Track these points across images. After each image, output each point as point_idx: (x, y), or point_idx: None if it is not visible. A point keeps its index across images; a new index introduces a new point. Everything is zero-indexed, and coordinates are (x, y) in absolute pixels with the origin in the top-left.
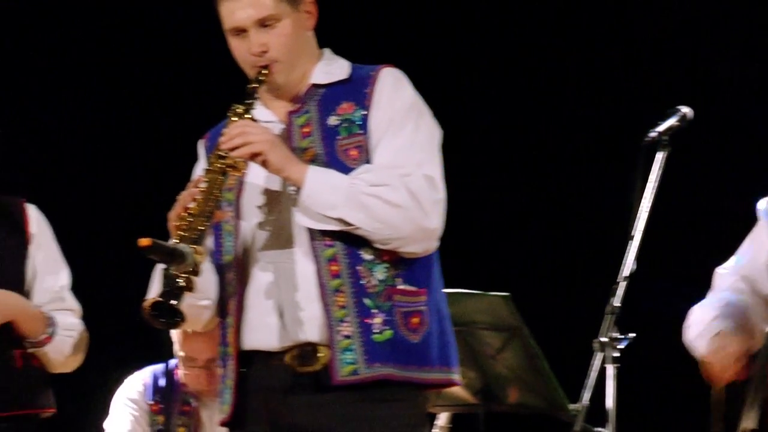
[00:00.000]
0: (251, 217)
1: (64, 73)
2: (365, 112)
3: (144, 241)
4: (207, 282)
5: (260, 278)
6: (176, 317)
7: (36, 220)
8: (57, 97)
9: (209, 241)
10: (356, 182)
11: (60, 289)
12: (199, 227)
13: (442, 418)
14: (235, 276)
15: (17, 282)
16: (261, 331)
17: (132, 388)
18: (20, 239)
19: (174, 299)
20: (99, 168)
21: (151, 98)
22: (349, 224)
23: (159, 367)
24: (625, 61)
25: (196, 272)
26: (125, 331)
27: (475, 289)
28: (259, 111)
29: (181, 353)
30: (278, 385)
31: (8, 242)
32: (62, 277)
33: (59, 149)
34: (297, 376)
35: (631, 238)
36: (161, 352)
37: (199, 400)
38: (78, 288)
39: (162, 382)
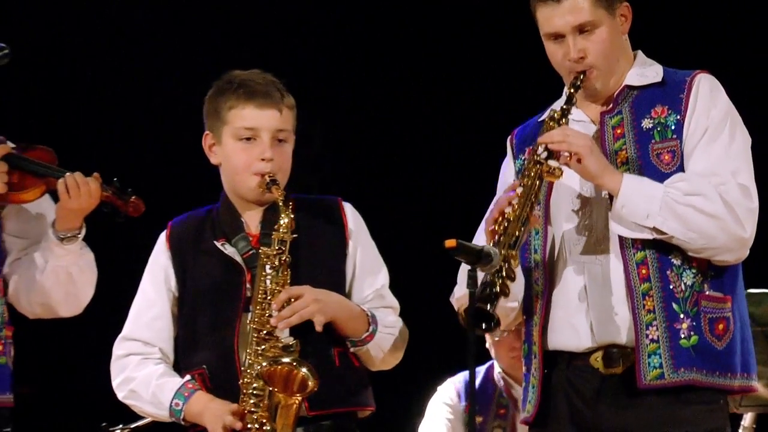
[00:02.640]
0: (560, 218)
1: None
2: (679, 117)
3: (450, 243)
4: (517, 285)
5: (567, 279)
6: (491, 322)
7: (352, 217)
8: (366, 98)
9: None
10: (671, 191)
11: (380, 287)
12: (516, 233)
13: (747, 419)
14: (541, 275)
15: (339, 278)
16: (566, 331)
17: (446, 393)
18: (340, 236)
19: (490, 304)
20: (407, 168)
21: (459, 98)
22: (663, 233)
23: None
24: None
25: (512, 277)
26: (440, 330)
27: None
28: (573, 112)
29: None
30: (583, 386)
31: (330, 239)
32: (382, 274)
33: (371, 149)
34: (602, 378)
35: None
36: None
37: (514, 399)
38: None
39: (477, 384)
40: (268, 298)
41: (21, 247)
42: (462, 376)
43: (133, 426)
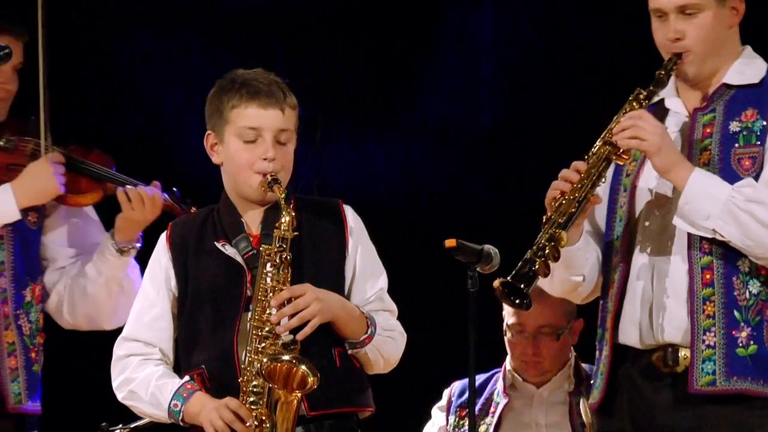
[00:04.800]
0: (641, 207)
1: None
2: (765, 123)
3: (450, 242)
4: (580, 259)
5: (638, 273)
6: (525, 300)
7: (353, 219)
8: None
9: (600, 222)
10: (735, 195)
11: (380, 290)
12: (570, 210)
13: None
14: (619, 263)
15: (339, 279)
16: (631, 327)
17: (441, 400)
18: (341, 237)
19: (524, 283)
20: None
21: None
22: (721, 235)
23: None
24: None
25: (555, 257)
26: (440, 333)
27: None
28: (671, 100)
29: (511, 320)
30: (643, 384)
31: (330, 240)
32: (382, 278)
33: (370, 150)
34: (661, 377)
35: None
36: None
37: (512, 396)
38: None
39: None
40: (269, 295)
41: (68, 255)
42: (458, 385)
43: (132, 426)
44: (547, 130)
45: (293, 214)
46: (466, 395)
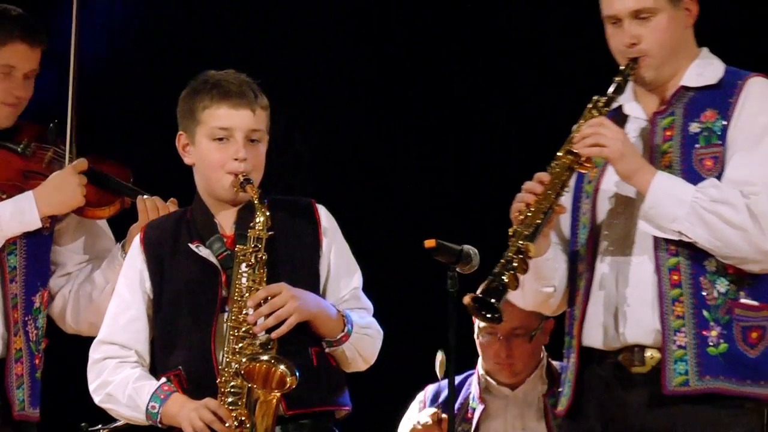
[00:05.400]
0: (603, 213)
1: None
2: (726, 123)
3: (430, 243)
4: (550, 269)
5: (603, 277)
6: (495, 314)
7: (326, 218)
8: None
9: (565, 230)
10: (699, 196)
11: (355, 288)
12: (536, 221)
13: None
14: (585, 269)
15: (314, 278)
16: (597, 329)
17: (415, 401)
18: (314, 236)
19: (494, 297)
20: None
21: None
22: (688, 237)
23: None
24: None
25: (524, 269)
26: (418, 332)
27: None
28: (630, 105)
29: (483, 323)
30: (612, 383)
31: (304, 239)
32: (356, 276)
33: (351, 150)
34: (630, 377)
35: None
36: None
37: (487, 401)
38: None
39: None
40: (245, 296)
41: (77, 262)
42: (432, 387)
43: (112, 426)
44: (527, 130)
45: (267, 213)
46: (441, 397)
